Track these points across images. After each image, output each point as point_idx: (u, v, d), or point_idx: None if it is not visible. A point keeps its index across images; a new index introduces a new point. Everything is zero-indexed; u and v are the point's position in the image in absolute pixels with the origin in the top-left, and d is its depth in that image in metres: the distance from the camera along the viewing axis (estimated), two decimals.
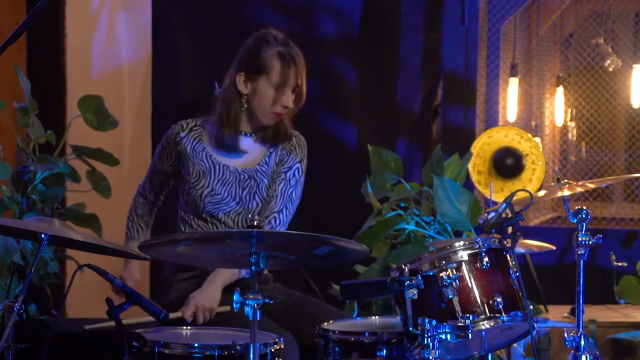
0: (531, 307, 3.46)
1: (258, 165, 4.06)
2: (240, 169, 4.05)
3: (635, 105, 6.78)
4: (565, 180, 3.84)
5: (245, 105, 4.02)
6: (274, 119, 4.02)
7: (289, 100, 3.99)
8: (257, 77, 3.98)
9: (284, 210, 4.07)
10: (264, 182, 4.06)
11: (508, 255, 3.46)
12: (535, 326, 3.44)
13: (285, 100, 3.98)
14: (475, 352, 3.58)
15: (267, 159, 4.09)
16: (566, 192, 3.76)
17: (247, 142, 4.07)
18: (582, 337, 3.47)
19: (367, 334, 3.62)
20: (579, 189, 3.80)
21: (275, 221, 4.03)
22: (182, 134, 4.08)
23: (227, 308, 3.80)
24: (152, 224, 4.28)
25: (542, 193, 4.06)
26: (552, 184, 4.07)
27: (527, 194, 3.51)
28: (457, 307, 3.33)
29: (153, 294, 5.90)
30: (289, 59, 3.97)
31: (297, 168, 4.11)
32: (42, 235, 3.26)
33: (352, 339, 3.62)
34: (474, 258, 3.40)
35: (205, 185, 4.01)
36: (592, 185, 3.89)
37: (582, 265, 3.51)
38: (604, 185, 6.17)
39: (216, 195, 4.00)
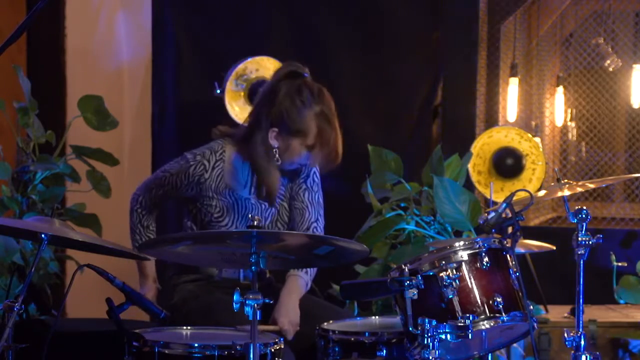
0: (531, 307, 3.46)
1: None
2: (261, 199, 4.04)
3: (635, 105, 6.78)
4: (565, 180, 3.84)
5: (277, 161, 3.97)
6: (295, 166, 4.01)
7: (319, 159, 3.94)
8: (291, 138, 3.92)
9: (319, 218, 4.07)
10: (284, 206, 4.08)
11: (508, 255, 3.46)
12: (536, 326, 3.44)
13: (312, 160, 3.94)
14: (475, 352, 3.58)
15: (283, 180, 4.08)
16: (566, 192, 3.76)
17: None
18: (582, 337, 3.47)
19: (367, 334, 3.62)
20: (579, 189, 3.80)
21: (316, 231, 4.02)
22: (207, 175, 3.99)
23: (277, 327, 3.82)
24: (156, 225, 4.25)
25: (542, 193, 4.06)
26: (552, 184, 4.07)
27: (527, 194, 3.51)
28: (457, 307, 3.34)
29: None
30: (326, 122, 3.90)
31: (314, 172, 4.11)
32: (42, 235, 3.26)
33: (352, 339, 3.62)
34: (474, 258, 3.40)
35: (228, 223, 3.98)
36: (592, 185, 3.89)
37: (582, 265, 3.51)
38: (604, 185, 6.17)
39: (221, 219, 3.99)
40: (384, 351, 3.56)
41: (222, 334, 3.54)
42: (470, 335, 3.29)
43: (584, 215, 3.49)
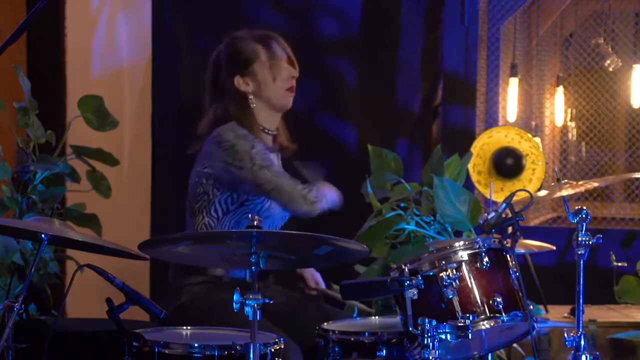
0: (531, 307, 3.46)
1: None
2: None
3: (635, 105, 6.78)
4: (565, 180, 3.84)
5: (254, 105, 4.00)
6: (290, 94, 4.03)
7: (290, 70, 3.99)
8: (250, 68, 3.98)
9: None
10: None
11: (508, 255, 3.46)
12: (535, 326, 3.44)
13: (287, 72, 3.98)
14: (475, 352, 3.58)
15: (280, 163, 4.12)
16: (564, 193, 3.75)
17: (269, 140, 4.07)
18: (582, 337, 3.47)
19: (367, 334, 3.62)
20: (572, 190, 3.79)
21: None
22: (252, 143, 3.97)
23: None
24: None
25: (542, 193, 4.06)
26: (552, 184, 4.07)
27: (527, 194, 3.51)
28: (457, 307, 3.34)
29: (153, 294, 5.90)
30: (263, 37, 4.01)
31: None
32: (42, 235, 3.26)
33: (352, 339, 3.62)
34: (474, 258, 3.40)
35: (265, 200, 3.95)
36: (589, 186, 3.88)
37: (582, 265, 3.51)
38: (603, 186, 6.17)
39: (270, 210, 3.98)
40: (384, 351, 3.56)
41: (222, 334, 3.54)
42: (470, 335, 3.29)
43: (584, 215, 3.49)
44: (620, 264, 5.29)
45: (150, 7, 6.12)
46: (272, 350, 3.35)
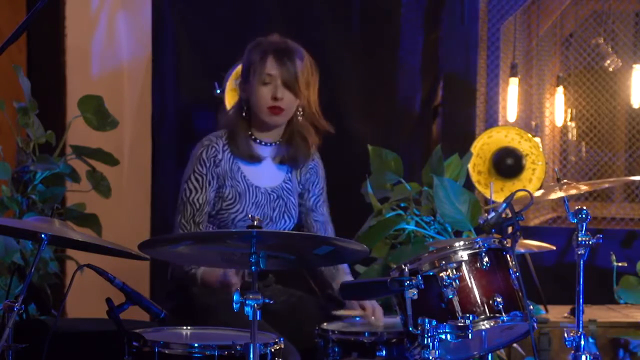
0: (531, 307, 3.46)
1: (283, 183, 4.08)
2: (270, 189, 4.04)
3: (635, 105, 6.78)
4: (566, 180, 3.84)
5: (245, 115, 4.01)
6: (270, 114, 3.97)
7: (277, 91, 3.94)
8: (249, 78, 3.98)
9: (331, 229, 4.19)
10: (291, 200, 4.08)
11: (508, 255, 3.46)
12: (536, 326, 3.44)
13: (272, 92, 3.95)
14: (475, 352, 3.58)
15: (289, 175, 4.10)
16: (560, 194, 3.76)
17: (263, 150, 4.06)
18: (582, 337, 3.47)
19: (366, 334, 3.62)
20: (573, 191, 3.80)
21: None
22: (220, 156, 3.98)
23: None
24: None
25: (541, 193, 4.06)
26: (552, 183, 4.08)
27: (527, 194, 3.51)
28: (457, 307, 3.34)
29: (153, 294, 5.90)
30: (268, 51, 3.96)
31: (324, 187, 4.22)
32: (42, 235, 3.26)
33: (352, 339, 3.62)
34: (474, 258, 3.40)
35: (240, 210, 3.95)
36: (585, 187, 3.88)
37: (582, 265, 3.51)
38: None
39: (249, 220, 3.97)
40: (384, 351, 3.57)
41: (222, 334, 3.54)
42: (470, 335, 3.29)
43: (584, 215, 3.49)
44: (620, 264, 5.28)
45: (150, 7, 6.13)
46: (272, 350, 3.35)
